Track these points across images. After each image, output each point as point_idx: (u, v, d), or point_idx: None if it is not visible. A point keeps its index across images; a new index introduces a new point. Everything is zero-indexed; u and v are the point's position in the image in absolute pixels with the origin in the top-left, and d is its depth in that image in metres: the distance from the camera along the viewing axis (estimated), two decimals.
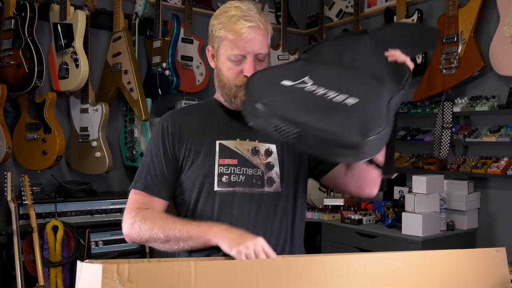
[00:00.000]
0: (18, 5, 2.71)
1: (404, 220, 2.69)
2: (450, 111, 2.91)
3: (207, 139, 1.36)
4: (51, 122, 2.78)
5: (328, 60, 1.28)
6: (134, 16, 3.21)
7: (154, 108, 3.25)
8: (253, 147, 1.37)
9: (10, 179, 2.63)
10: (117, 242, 2.92)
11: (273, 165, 1.37)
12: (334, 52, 1.32)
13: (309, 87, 1.11)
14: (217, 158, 1.33)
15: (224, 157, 1.34)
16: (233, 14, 1.31)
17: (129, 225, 1.28)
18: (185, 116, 1.43)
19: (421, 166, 3.05)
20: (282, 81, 1.15)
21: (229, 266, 0.91)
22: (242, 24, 1.29)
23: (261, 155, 1.37)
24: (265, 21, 1.33)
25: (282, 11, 3.94)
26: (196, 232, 1.21)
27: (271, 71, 1.28)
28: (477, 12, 2.85)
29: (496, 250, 1.16)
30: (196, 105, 1.54)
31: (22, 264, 2.52)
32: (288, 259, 1.01)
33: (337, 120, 1.03)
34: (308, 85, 1.12)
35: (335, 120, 1.03)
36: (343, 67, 1.23)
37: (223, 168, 1.33)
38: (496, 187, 2.83)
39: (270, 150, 1.38)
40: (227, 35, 1.31)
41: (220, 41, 1.35)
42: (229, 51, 1.32)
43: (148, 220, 1.26)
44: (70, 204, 2.84)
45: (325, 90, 1.09)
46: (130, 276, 0.77)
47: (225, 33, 1.31)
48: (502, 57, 2.70)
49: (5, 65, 2.70)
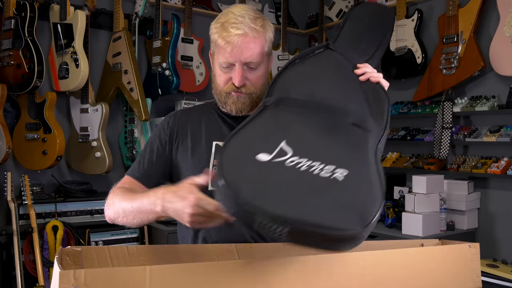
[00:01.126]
0: (18, 5, 2.71)
1: (404, 220, 2.69)
2: (450, 111, 2.91)
3: (204, 139, 1.38)
4: (51, 122, 2.78)
5: (299, 104, 1.10)
6: (134, 16, 3.21)
7: (154, 108, 3.25)
8: None
9: (10, 179, 2.63)
10: (117, 242, 2.92)
11: None
12: (303, 89, 1.16)
13: (289, 160, 0.93)
14: (212, 158, 1.34)
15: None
16: (225, 20, 1.29)
17: (106, 203, 1.31)
18: (187, 116, 1.45)
19: (421, 166, 3.05)
20: (257, 154, 0.94)
21: (186, 270, 0.91)
22: (229, 32, 1.27)
23: None
24: (259, 27, 1.29)
25: (282, 11, 3.94)
26: (146, 205, 1.16)
27: (244, 137, 1.02)
28: (477, 12, 2.85)
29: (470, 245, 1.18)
30: (199, 106, 1.54)
31: (22, 264, 2.52)
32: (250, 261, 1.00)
33: (331, 208, 0.85)
34: (288, 157, 0.93)
35: (328, 207, 0.85)
36: (319, 116, 1.06)
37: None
38: (496, 187, 2.83)
39: None
40: (218, 41, 1.29)
41: (214, 46, 1.34)
42: (220, 57, 1.31)
43: (116, 197, 1.28)
44: (70, 204, 2.84)
45: (309, 162, 0.92)
46: (87, 280, 0.81)
47: (217, 39, 1.30)
48: (502, 57, 2.70)
49: (5, 65, 2.70)
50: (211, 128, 1.40)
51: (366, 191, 0.89)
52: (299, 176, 0.89)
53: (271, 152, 0.94)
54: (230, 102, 1.33)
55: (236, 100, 1.33)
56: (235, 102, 1.33)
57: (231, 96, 1.33)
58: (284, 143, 0.96)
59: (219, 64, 1.31)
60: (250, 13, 1.30)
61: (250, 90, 1.32)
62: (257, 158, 0.93)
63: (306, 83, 1.18)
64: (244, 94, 1.32)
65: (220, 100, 1.37)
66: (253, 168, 0.91)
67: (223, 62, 1.30)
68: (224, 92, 1.33)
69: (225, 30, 1.27)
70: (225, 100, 1.34)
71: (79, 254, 0.99)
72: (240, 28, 1.26)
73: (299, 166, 0.91)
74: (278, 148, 0.95)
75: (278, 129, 1.03)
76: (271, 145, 0.96)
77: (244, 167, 0.92)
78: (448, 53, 2.95)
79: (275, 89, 1.17)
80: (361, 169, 0.94)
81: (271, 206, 0.82)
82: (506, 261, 2.67)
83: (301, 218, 0.81)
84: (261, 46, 1.30)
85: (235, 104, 1.33)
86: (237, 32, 1.25)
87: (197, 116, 1.45)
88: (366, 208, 0.86)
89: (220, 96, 1.36)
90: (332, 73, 1.23)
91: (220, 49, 1.29)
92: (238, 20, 1.27)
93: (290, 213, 0.81)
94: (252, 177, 0.89)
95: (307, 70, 1.24)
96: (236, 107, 1.34)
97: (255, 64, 1.30)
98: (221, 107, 1.40)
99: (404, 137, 3.20)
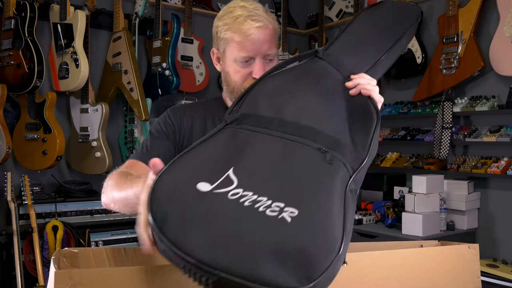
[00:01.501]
0: (18, 5, 2.71)
1: (404, 220, 2.69)
2: (450, 111, 2.91)
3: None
4: (51, 122, 2.78)
5: (264, 123, 0.95)
6: (134, 16, 3.21)
7: (154, 108, 3.25)
8: None
9: (10, 179, 2.63)
10: (117, 242, 2.92)
11: None
12: (273, 105, 0.99)
13: (233, 191, 0.77)
14: None
15: None
16: (239, 14, 1.25)
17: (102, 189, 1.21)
18: (191, 111, 1.39)
19: (421, 166, 3.05)
20: (198, 182, 0.79)
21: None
22: (250, 24, 1.23)
23: None
24: (272, 19, 1.28)
25: (282, 11, 3.94)
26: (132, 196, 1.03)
27: (191, 160, 0.87)
28: (477, 12, 2.85)
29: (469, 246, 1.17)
30: (202, 103, 1.48)
31: (22, 264, 2.52)
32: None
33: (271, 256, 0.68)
34: (232, 188, 0.78)
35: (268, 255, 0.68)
36: (282, 139, 0.90)
37: None
38: (496, 187, 2.83)
39: None
40: (234, 36, 1.25)
41: (226, 43, 1.28)
42: (236, 53, 1.26)
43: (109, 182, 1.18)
44: (70, 204, 2.84)
45: (255, 197, 0.76)
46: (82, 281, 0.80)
47: (231, 35, 1.25)
48: (502, 57, 2.70)
49: (5, 65, 2.70)
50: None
51: (319, 236, 0.73)
52: (241, 212, 0.74)
53: (214, 180, 0.79)
54: None
55: None
56: None
57: None
58: (231, 170, 0.81)
59: (236, 59, 1.27)
60: (260, 6, 1.29)
61: None
62: (197, 187, 0.78)
63: (279, 98, 1.02)
64: None
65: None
66: (188, 199, 0.76)
67: (242, 57, 1.25)
68: (243, 89, 1.26)
69: (243, 24, 1.23)
70: None
71: (76, 255, 0.99)
72: (260, 20, 1.24)
73: (243, 201, 0.75)
74: (224, 177, 0.80)
75: (230, 152, 0.87)
76: (218, 172, 0.81)
77: (178, 197, 0.76)
78: (448, 53, 2.95)
79: (243, 104, 1.02)
80: (318, 207, 0.77)
81: (197, 249, 0.68)
82: (506, 261, 2.67)
83: (231, 268, 0.66)
84: (276, 37, 1.29)
85: None
86: (258, 25, 1.23)
87: (201, 114, 1.39)
88: (316, 258, 0.70)
89: (238, 94, 1.28)
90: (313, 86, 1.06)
91: (237, 44, 1.25)
92: (255, 13, 1.25)
93: (220, 261, 0.67)
94: (183, 210, 0.74)
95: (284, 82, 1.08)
96: None
97: (272, 56, 1.28)
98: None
99: (404, 137, 3.20)
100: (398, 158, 3.29)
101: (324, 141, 0.89)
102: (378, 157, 3.41)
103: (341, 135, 0.91)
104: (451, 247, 1.18)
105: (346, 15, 3.87)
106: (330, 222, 0.75)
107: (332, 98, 1.03)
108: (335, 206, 0.78)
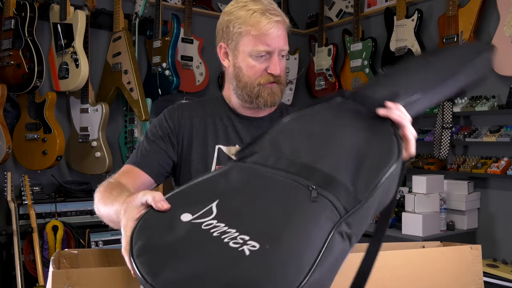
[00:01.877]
0: (18, 5, 2.71)
1: (404, 220, 2.70)
2: (450, 111, 2.91)
3: (207, 142, 1.30)
4: (51, 122, 2.78)
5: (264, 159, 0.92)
6: (134, 16, 3.21)
7: (154, 108, 3.25)
8: None
9: (10, 179, 2.63)
10: (118, 242, 2.92)
11: None
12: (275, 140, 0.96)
13: (208, 222, 0.78)
14: (214, 164, 1.27)
15: (220, 164, 1.27)
16: (255, 8, 1.22)
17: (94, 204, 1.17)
18: (190, 112, 1.35)
19: (421, 166, 3.05)
20: (184, 212, 0.80)
21: None
22: (269, 18, 1.21)
23: None
24: (284, 16, 1.26)
25: (282, 11, 3.93)
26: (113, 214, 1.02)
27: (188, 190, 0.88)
28: (477, 12, 2.85)
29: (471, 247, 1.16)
30: (201, 101, 1.42)
31: (22, 264, 2.52)
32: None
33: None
34: (209, 219, 0.78)
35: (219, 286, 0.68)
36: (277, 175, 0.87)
37: None
38: (496, 187, 2.83)
39: None
40: (250, 30, 1.21)
41: (240, 37, 1.24)
42: (251, 47, 1.22)
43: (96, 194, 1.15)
44: (70, 204, 2.84)
45: (225, 228, 0.76)
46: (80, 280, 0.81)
47: (248, 28, 1.21)
48: (502, 57, 2.70)
49: (5, 65, 2.70)
50: (216, 130, 1.32)
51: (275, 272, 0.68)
52: (206, 242, 0.74)
53: (197, 211, 0.79)
54: (265, 95, 1.26)
55: (271, 92, 1.26)
56: (271, 94, 1.26)
57: (265, 88, 1.25)
58: (215, 203, 0.81)
59: (251, 54, 1.23)
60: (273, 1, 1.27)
61: (282, 80, 1.27)
62: (180, 217, 0.79)
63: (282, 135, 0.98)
64: (277, 85, 1.27)
65: (251, 94, 1.27)
66: (169, 227, 0.77)
67: (256, 51, 1.22)
68: (257, 85, 1.25)
69: (262, 17, 1.21)
70: (258, 93, 1.26)
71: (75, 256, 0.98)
72: (278, 14, 1.23)
73: (213, 231, 0.75)
74: (206, 208, 0.80)
75: (222, 186, 0.87)
76: (203, 204, 0.81)
77: (161, 224, 0.78)
78: None
79: (257, 142, 0.98)
80: (284, 244, 0.72)
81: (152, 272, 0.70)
82: (506, 261, 2.67)
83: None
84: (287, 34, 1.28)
85: (271, 96, 1.26)
86: (277, 19, 1.22)
87: (200, 113, 1.35)
88: None
89: (251, 90, 1.26)
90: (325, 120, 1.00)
91: (253, 38, 1.21)
92: (271, 7, 1.23)
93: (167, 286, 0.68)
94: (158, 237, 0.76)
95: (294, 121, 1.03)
96: (272, 99, 1.27)
97: (285, 52, 1.27)
98: (249, 103, 1.29)
99: None
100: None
101: (316, 179, 0.83)
102: None
103: (339, 173, 0.84)
104: (453, 248, 1.18)
105: (346, 15, 3.87)
106: (293, 260, 0.70)
107: (342, 132, 0.95)
108: (308, 246, 0.72)
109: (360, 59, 3.55)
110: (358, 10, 3.57)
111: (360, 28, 3.58)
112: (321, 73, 3.87)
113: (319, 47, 3.92)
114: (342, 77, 3.71)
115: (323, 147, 0.91)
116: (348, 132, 0.94)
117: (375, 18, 3.62)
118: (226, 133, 1.31)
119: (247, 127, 1.32)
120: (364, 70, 3.52)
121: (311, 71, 3.98)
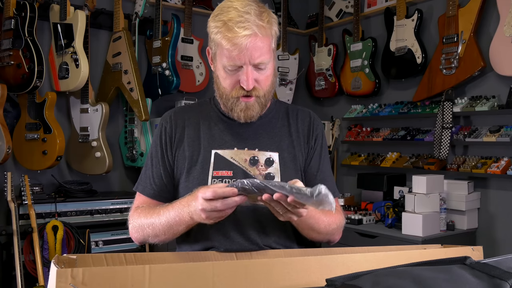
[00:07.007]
0: (18, 5, 2.71)
1: (404, 220, 2.69)
2: (450, 111, 2.91)
3: (203, 147, 1.29)
4: (51, 122, 2.78)
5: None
6: (134, 16, 3.21)
7: (154, 108, 3.25)
8: (251, 157, 1.25)
9: (10, 179, 2.63)
10: (117, 242, 2.91)
11: (273, 175, 1.25)
12: (375, 278, 0.82)
13: None
14: (211, 170, 1.25)
15: (218, 169, 1.25)
16: (229, 18, 1.14)
17: (130, 227, 1.29)
18: (183, 118, 1.35)
19: (421, 166, 3.05)
20: None
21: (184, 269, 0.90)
22: (236, 32, 1.12)
23: (260, 165, 1.25)
24: (266, 23, 1.16)
25: (282, 11, 3.94)
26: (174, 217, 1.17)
27: None
28: (477, 12, 2.85)
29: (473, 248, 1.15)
30: (196, 105, 1.41)
31: (22, 264, 2.52)
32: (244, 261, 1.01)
33: None
34: None
35: None
36: None
37: (217, 181, 1.23)
38: (496, 187, 2.83)
39: (271, 159, 1.26)
40: (222, 42, 1.16)
41: (216, 46, 1.21)
42: (224, 60, 1.18)
43: (140, 217, 1.26)
44: (70, 204, 2.84)
45: None
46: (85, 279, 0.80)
47: (220, 40, 1.16)
48: (502, 57, 2.70)
49: (5, 65, 2.70)
50: (211, 135, 1.30)
51: None
52: None
53: None
54: (238, 110, 1.23)
55: (244, 108, 1.22)
56: (244, 109, 1.23)
57: (239, 103, 1.22)
58: None
59: (223, 66, 1.20)
60: (254, 7, 1.16)
61: (259, 93, 1.21)
62: None
63: (385, 277, 0.82)
64: (254, 99, 1.22)
65: (227, 105, 1.26)
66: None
67: (229, 65, 1.18)
68: (231, 97, 1.22)
69: (230, 31, 1.13)
70: (232, 106, 1.23)
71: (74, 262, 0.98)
72: (248, 27, 1.13)
73: None
74: None
75: None
76: None
77: None
78: (448, 53, 2.95)
79: (356, 277, 0.85)
80: None
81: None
82: None
83: None
84: (269, 43, 1.19)
85: (244, 112, 1.23)
86: (245, 33, 1.12)
87: (194, 119, 1.34)
88: None
89: (226, 101, 1.24)
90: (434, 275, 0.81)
91: (225, 51, 1.16)
92: (244, 18, 1.13)
93: None
94: None
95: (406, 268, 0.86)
96: (245, 115, 1.24)
97: (264, 65, 1.19)
98: (227, 113, 1.29)
99: (404, 137, 3.20)
100: (398, 158, 3.29)
101: None
102: (378, 157, 3.41)
103: None
104: (455, 249, 1.17)
105: (346, 15, 3.87)
106: None
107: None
108: None
109: (360, 59, 3.55)
110: (358, 10, 3.57)
111: (360, 28, 3.58)
112: (321, 73, 3.87)
113: (319, 47, 3.92)
114: (342, 77, 3.71)
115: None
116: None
117: (375, 18, 3.62)
118: (221, 137, 1.30)
119: (240, 128, 1.31)
120: (364, 70, 3.52)
121: (311, 71, 3.98)
